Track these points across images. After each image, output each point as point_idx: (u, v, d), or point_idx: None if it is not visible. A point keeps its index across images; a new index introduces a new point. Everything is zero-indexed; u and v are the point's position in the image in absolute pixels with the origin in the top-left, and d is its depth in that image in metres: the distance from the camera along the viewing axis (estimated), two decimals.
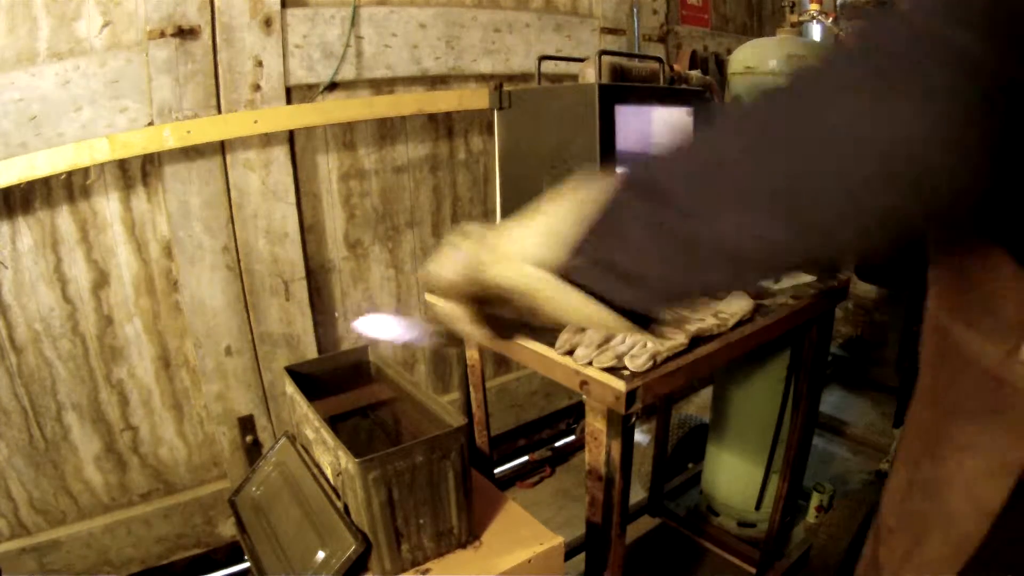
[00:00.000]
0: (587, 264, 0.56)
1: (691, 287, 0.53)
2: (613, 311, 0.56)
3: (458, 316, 0.61)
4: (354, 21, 1.69)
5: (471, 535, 1.04)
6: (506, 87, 1.43)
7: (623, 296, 0.56)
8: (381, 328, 0.82)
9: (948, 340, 0.68)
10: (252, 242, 1.70)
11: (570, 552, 1.76)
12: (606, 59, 1.35)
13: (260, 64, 1.58)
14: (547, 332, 1.17)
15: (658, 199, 0.52)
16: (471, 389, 1.57)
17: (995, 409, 0.62)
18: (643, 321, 0.61)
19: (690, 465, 2.29)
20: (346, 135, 1.83)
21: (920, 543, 0.71)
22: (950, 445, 0.68)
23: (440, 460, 0.96)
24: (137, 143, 1.45)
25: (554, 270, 0.56)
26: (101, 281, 1.58)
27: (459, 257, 0.59)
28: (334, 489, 1.00)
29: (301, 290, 1.81)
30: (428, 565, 1.00)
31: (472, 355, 1.52)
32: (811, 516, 2.02)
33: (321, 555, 0.95)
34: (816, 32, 2.42)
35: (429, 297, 0.61)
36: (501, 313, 0.62)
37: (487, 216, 2.17)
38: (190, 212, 1.60)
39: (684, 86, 1.57)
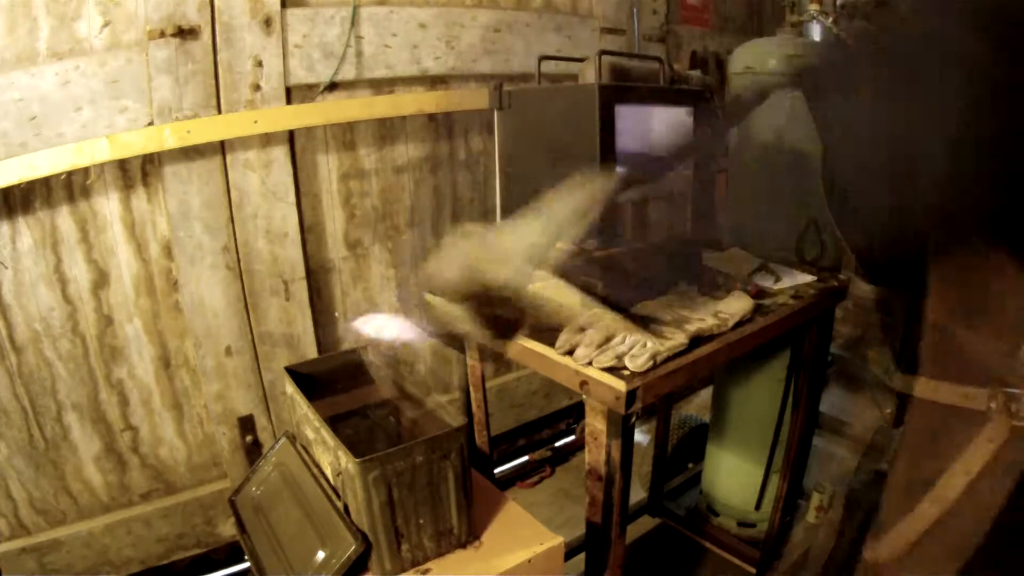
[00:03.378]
0: (587, 264, 0.59)
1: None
2: (613, 310, 0.58)
3: (458, 316, 0.61)
4: (354, 21, 1.69)
5: (471, 535, 1.04)
6: (506, 87, 1.43)
7: (625, 295, 0.58)
8: (380, 328, 0.83)
9: (948, 339, 0.68)
10: (252, 242, 1.70)
11: (570, 552, 1.76)
12: (606, 59, 1.35)
13: (260, 64, 1.58)
14: (547, 332, 1.17)
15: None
16: (471, 389, 1.57)
17: (995, 408, 0.61)
18: (643, 320, 0.62)
19: (690, 465, 2.29)
20: (346, 135, 1.83)
21: (920, 541, 0.71)
22: (951, 443, 0.67)
23: (440, 460, 0.96)
24: (137, 143, 1.45)
25: (553, 269, 0.57)
26: (101, 281, 1.58)
27: (459, 257, 0.60)
28: (334, 489, 1.00)
29: (301, 290, 1.81)
30: (428, 565, 1.00)
31: (472, 355, 1.52)
32: (811, 516, 2.02)
33: (321, 555, 0.95)
34: (816, 32, 2.42)
35: (429, 297, 0.61)
36: (502, 313, 0.62)
37: (487, 216, 2.17)
38: (190, 212, 1.60)
39: (684, 86, 1.57)
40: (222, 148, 1.60)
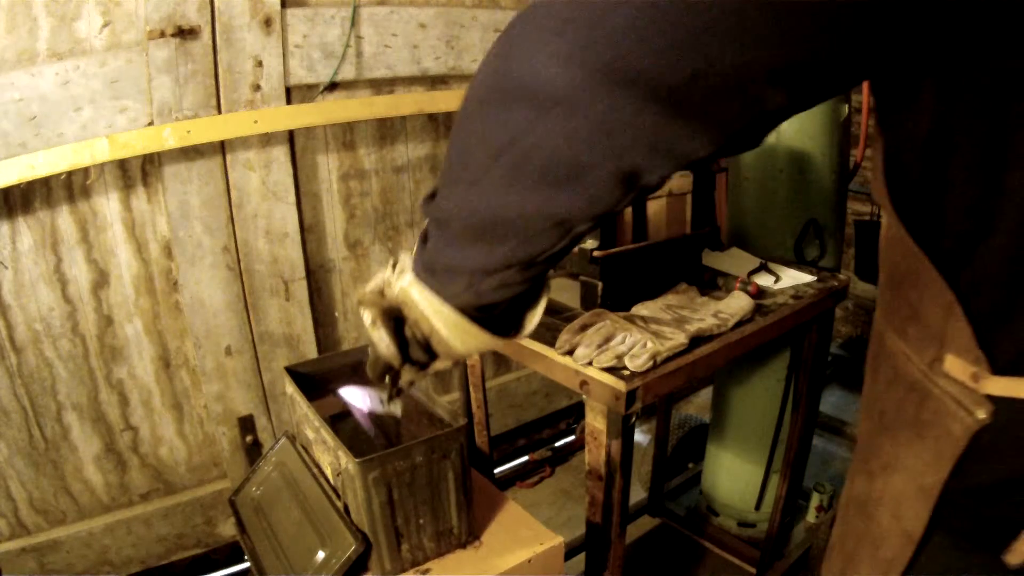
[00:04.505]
0: (421, 270, 0.60)
1: (481, 269, 0.54)
2: (466, 318, 0.59)
3: (369, 321, 0.64)
4: (354, 21, 1.69)
5: (471, 535, 1.04)
6: None
7: (452, 291, 0.58)
8: (355, 400, 0.87)
9: (883, 348, 0.66)
10: (252, 242, 1.70)
11: (570, 552, 1.76)
12: None
13: (260, 64, 1.58)
14: (547, 332, 1.17)
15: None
16: (471, 389, 1.57)
17: (919, 424, 0.59)
18: (499, 329, 0.62)
19: (690, 465, 2.29)
20: (346, 135, 1.83)
21: (852, 562, 0.69)
22: (879, 462, 0.65)
23: (440, 460, 0.96)
24: (137, 143, 1.45)
25: (414, 280, 0.60)
26: (101, 281, 1.58)
27: (378, 276, 0.65)
28: (334, 489, 1.00)
29: (301, 290, 1.81)
30: (428, 565, 1.00)
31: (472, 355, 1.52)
32: (811, 516, 2.02)
33: (321, 555, 0.95)
34: None
35: (360, 310, 0.65)
36: (411, 333, 0.65)
37: None
38: (190, 212, 1.60)
39: None
40: (222, 148, 1.60)
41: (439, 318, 0.59)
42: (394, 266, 0.63)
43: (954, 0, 0.41)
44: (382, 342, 0.64)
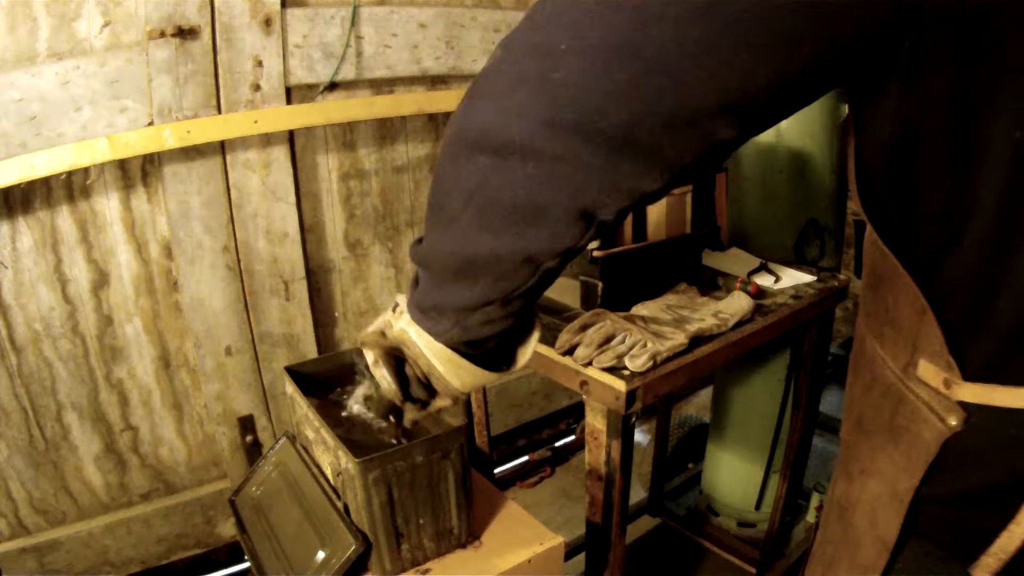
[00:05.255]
0: (414, 311, 0.63)
1: (463, 306, 0.58)
2: (457, 354, 0.61)
3: (371, 360, 0.67)
4: (354, 21, 1.69)
5: (471, 535, 1.04)
6: None
7: (441, 328, 0.61)
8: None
9: (863, 350, 0.66)
10: (252, 242, 1.70)
11: (570, 552, 1.76)
12: None
13: (260, 64, 1.58)
14: (547, 332, 1.17)
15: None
16: None
17: (893, 429, 0.59)
18: (493, 364, 0.65)
19: (690, 465, 2.29)
20: (346, 135, 1.83)
21: (832, 567, 0.69)
22: (857, 465, 0.65)
23: (440, 460, 0.96)
24: (137, 143, 1.45)
25: (410, 320, 0.63)
26: (101, 281, 1.58)
27: (380, 318, 0.69)
28: (334, 489, 1.00)
29: (301, 290, 1.81)
30: (428, 565, 1.00)
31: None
32: (811, 516, 2.02)
33: (321, 555, 0.95)
34: None
35: (363, 350, 0.68)
36: (411, 372, 0.67)
37: None
38: (190, 212, 1.60)
39: None
40: (222, 148, 1.60)
41: (433, 354, 0.62)
42: (395, 308, 0.66)
43: (910, 23, 0.42)
44: (384, 380, 0.67)
